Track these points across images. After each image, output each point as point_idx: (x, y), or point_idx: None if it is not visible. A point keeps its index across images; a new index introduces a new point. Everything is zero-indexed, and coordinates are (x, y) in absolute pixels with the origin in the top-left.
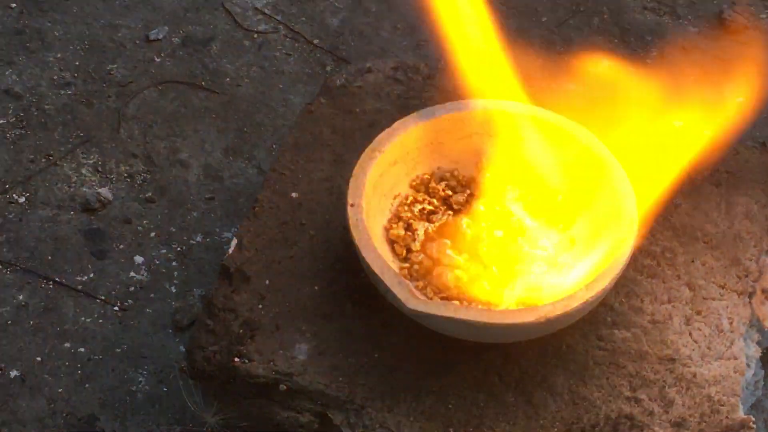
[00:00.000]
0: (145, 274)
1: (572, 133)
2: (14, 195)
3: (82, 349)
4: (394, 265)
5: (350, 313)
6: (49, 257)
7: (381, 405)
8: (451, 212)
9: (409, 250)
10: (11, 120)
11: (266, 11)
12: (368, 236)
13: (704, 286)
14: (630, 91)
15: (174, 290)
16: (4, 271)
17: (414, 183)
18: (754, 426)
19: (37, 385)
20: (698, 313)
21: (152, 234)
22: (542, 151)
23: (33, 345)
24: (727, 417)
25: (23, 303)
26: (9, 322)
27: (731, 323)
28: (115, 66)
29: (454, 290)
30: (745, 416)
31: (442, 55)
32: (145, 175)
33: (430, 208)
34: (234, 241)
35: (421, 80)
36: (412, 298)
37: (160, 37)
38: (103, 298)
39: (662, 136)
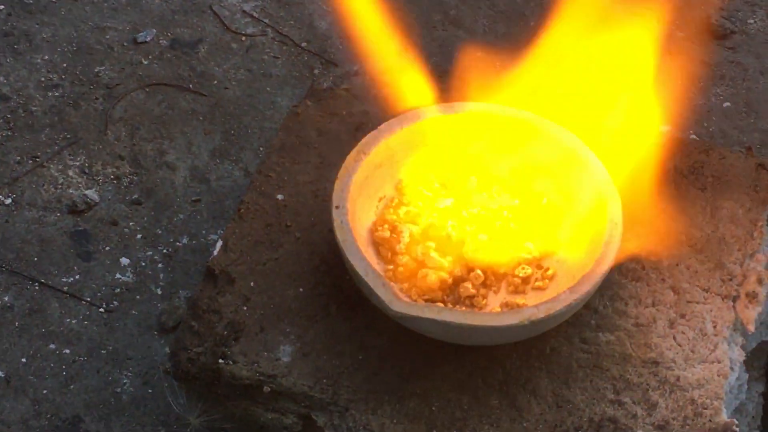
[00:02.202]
0: (131, 275)
1: (557, 135)
2: (0, 196)
3: (67, 351)
4: (378, 267)
5: (335, 315)
6: (35, 259)
7: (365, 407)
8: (435, 215)
9: (393, 253)
10: None
11: (254, 14)
12: (353, 238)
13: (688, 289)
14: (616, 95)
15: (160, 292)
16: None
17: (399, 185)
18: (738, 429)
19: (22, 387)
20: (682, 316)
21: (138, 236)
22: (527, 153)
23: (18, 346)
24: (710, 420)
25: (8, 304)
26: None
27: (715, 327)
28: (103, 68)
29: (438, 292)
30: (729, 420)
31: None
32: (131, 177)
33: (415, 210)
34: (219, 243)
35: (407, 83)
36: (396, 301)
37: (148, 39)
38: (88, 299)
39: (648, 140)
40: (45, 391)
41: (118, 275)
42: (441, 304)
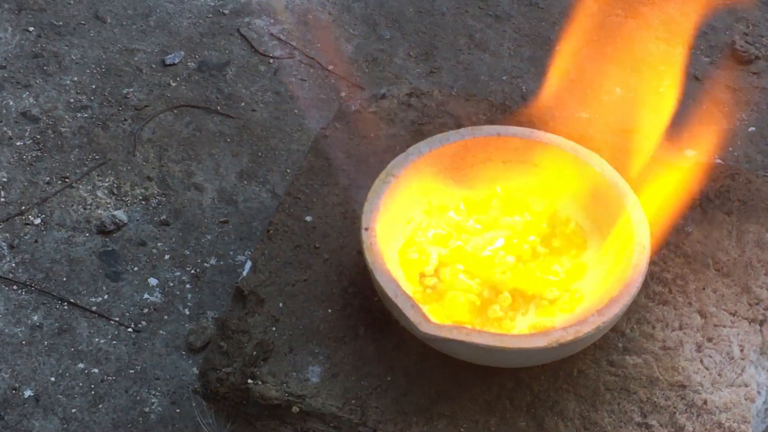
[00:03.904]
0: (159, 296)
1: (585, 159)
2: (30, 216)
3: (96, 370)
4: (407, 289)
5: (363, 336)
6: (64, 278)
7: (393, 428)
8: (464, 237)
9: (422, 275)
10: (28, 142)
11: (282, 37)
12: (382, 260)
13: (715, 313)
14: (642, 119)
15: (187, 312)
16: (20, 291)
17: (428, 208)
18: None
19: (51, 406)
20: (709, 340)
21: (166, 256)
22: (555, 177)
23: (47, 365)
24: None
25: (38, 324)
26: (24, 342)
27: (742, 350)
28: (132, 90)
29: (466, 314)
30: None
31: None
32: (159, 198)
33: (444, 233)
34: (248, 264)
35: (435, 106)
36: (425, 322)
37: (176, 61)
38: (117, 319)
39: (674, 165)
40: (74, 410)
41: (146, 295)
42: (469, 326)
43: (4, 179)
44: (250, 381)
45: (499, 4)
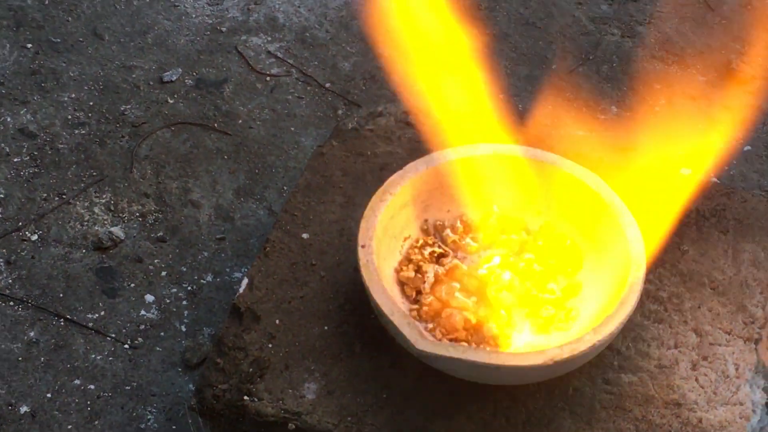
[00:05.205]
0: (156, 312)
1: (581, 178)
2: (27, 233)
3: (92, 386)
4: (403, 306)
5: (359, 354)
6: (61, 295)
7: None
8: (460, 255)
9: (418, 292)
10: (25, 158)
11: (279, 55)
12: (378, 277)
13: (711, 331)
14: (637, 138)
15: (184, 329)
16: (16, 307)
17: (424, 226)
18: None
19: (47, 422)
20: (704, 358)
21: (163, 273)
22: (551, 195)
23: (43, 381)
24: None
25: (34, 340)
26: (20, 358)
27: (737, 369)
28: (129, 107)
29: (462, 332)
30: None
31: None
32: (156, 214)
33: (440, 251)
34: (245, 281)
35: (432, 124)
36: (421, 340)
37: (174, 78)
38: (113, 335)
39: (670, 184)
40: (70, 427)
41: (142, 312)
42: (465, 344)
43: (1, 195)
44: (246, 398)
45: (496, 23)
